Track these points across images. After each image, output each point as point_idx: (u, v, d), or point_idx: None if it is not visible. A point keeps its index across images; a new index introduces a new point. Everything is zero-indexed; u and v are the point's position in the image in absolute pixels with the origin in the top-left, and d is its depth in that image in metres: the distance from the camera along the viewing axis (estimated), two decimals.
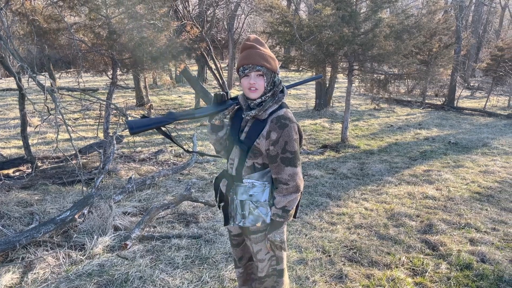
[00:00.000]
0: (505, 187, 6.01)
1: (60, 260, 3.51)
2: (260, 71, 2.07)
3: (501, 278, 3.45)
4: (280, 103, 2.13)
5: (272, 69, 2.10)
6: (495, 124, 11.89)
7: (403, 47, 8.13)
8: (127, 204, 4.85)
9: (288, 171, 2.06)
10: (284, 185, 2.08)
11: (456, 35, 15.42)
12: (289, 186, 2.07)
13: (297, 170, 2.08)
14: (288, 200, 2.09)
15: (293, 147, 2.05)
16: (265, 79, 2.09)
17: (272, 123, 2.06)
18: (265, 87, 2.10)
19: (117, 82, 6.68)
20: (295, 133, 2.07)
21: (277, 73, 2.14)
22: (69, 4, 6.32)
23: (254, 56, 2.08)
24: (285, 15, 8.82)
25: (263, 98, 2.11)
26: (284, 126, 2.04)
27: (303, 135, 2.20)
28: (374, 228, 4.49)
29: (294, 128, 2.07)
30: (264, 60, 2.07)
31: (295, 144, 2.06)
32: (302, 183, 2.12)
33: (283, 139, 2.04)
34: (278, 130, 2.04)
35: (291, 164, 2.06)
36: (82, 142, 7.90)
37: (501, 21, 30.07)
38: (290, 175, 2.06)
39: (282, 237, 2.17)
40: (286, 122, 2.05)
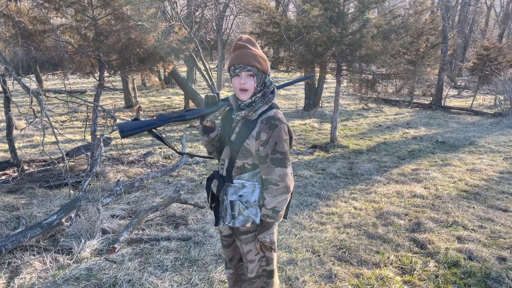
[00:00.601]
0: (491, 185, 6.09)
1: (47, 264, 3.47)
2: (250, 71, 2.07)
3: (488, 275, 3.49)
4: (270, 104, 2.13)
5: (263, 69, 2.10)
6: (481, 122, 12.04)
7: (391, 47, 8.19)
8: (115, 207, 4.81)
9: (278, 171, 2.05)
10: (274, 186, 2.07)
11: (443, 35, 15.59)
12: (279, 187, 2.07)
13: (287, 171, 2.08)
14: (278, 201, 2.09)
15: (283, 147, 2.05)
16: (256, 80, 2.09)
17: (262, 124, 2.06)
18: (255, 87, 2.10)
19: (104, 84, 6.62)
20: (285, 134, 2.07)
21: (268, 74, 2.14)
22: (55, 6, 6.25)
23: (245, 56, 2.08)
24: (273, 16, 8.83)
25: (253, 98, 2.11)
26: (274, 126, 2.04)
27: (293, 135, 2.20)
28: (363, 227, 4.51)
29: (284, 129, 2.07)
30: (255, 60, 2.07)
31: (285, 144, 2.06)
32: (292, 184, 2.12)
33: (273, 140, 2.03)
34: (268, 131, 2.04)
35: (281, 165, 2.06)
36: (70, 145, 7.82)
37: (487, 21, 30.48)
38: (280, 176, 2.06)
39: (272, 238, 2.16)
40: (276, 122, 2.05)
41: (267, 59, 2.15)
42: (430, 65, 13.96)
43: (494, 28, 32.49)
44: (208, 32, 25.15)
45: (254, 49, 2.10)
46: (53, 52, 6.57)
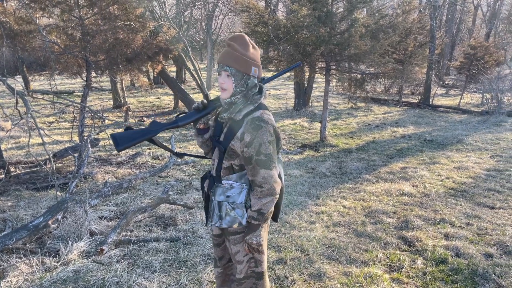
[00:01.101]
0: (478, 182, 6.16)
1: (34, 267, 3.43)
2: (227, 71, 2.08)
3: (475, 272, 3.53)
4: (257, 104, 2.11)
5: (243, 71, 2.08)
6: (469, 121, 12.18)
7: (379, 46, 8.24)
8: (103, 208, 4.77)
9: (262, 173, 2.04)
10: (258, 188, 2.07)
11: (431, 34, 15.72)
12: (264, 189, 2.06)
13: (272, 173, 2.06)
14: (263, 203, 2.08)
15: (267, 149, 2.03)
16: (233, 80, 2.09)
17: (246, 125, 2.05)
18: (234, 88, 2.10)
19: (91, 85, 6.56)
20: (270, 135, 2.05)
21: (252, 75, 2.11)
22: (41, 6, 6.17)
23: (225, 56, 2.10)
24: (262, 16, 8.83)
25: (232, 99, 2.11)
26: (258, 128, 2.02)
27: (280, 137, 2.17)
28: (352, 225, 4.53)
29: (269, 130, 2.05)
30: (234, 61, 2.07)
31: (270, 146, 2.04)
32: (278, 186, 2.10)
33: (257, 141, 2.02)
34: (252, 132, 2.02)
35: (265, 167, 2.04)
36: (57, 146, 7.74)
37: (474, 20, 30.82)
38: (264, 178, 2.05)
39: (258, 240, 2.15)
40: (261, 124, 2.03)
41: (256, 60, 2.12)
42: (418, 64, 14.06)
43: (481, 28, 32.87)
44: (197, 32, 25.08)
45: (239, 48, 2.08)
46: (39, 52, 6.49)
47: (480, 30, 32.10)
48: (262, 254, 2.22)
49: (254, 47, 2.15)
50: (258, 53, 2.16)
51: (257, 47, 2.17)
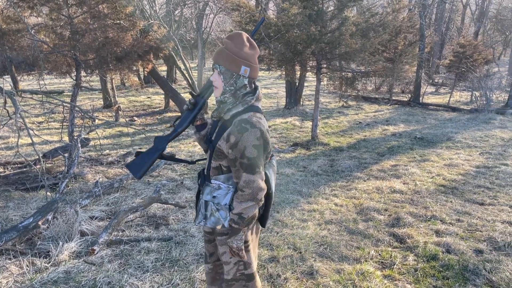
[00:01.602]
0: (468, 179, 6.22)
1: (24, 268, 3.39)
2: (217, 69, 2.08)
3: (466, 268, 3.56)
4: (248, 106, 2.09)
5: (232, 69, 2.06)
6: (458, 118, 12.29)
7: (369, 45, 8.28)
8: (94, 208, 4.73)
9: (244, 177, 2.02)
10: (240, 192, 2.05)
11: (420, 33, 15.83)
12: (245, 193, 2.03)
13: (254, 178, 2.01)
14: (243, 207, 2.04)
15: (251, 153, 1.99)
16: (223, 79, 2.08)
17: (233, 126, 2.03)
18: (223, 86, 2.09)
19: (81, 84, 6.50)
20: (256, 139, 2.01)
21: (242, 75, 2.08)
22: (29, 4, 6.11)
23: (217, 53, 2.10)
24: (253, 14, 8.82)
25: (222, 97, 2.10)
26: (244, 130, 1.99)
27: (269, 141, 2.13)
28: (344, 223, 4.55)
29: (255, 134, 2.00)
30: (224, 59, 2.06)
31: (254, 150, 2.00)
32: (261, 192, 2.05)
33: (242, 144, 1.99)
34: (237, 134, 2.00)
35: (248, 171, 2.01)
36: (47, 146, 7.66)
37: (463, 19, 31.10)
38: (245, 182, 2.02)
39: (239, 244, 2.12)
40: (247, 126, 2.00)
41: (248, 60, 2.08)
42: (408, 62, 14.16)
43: (469, 26, 33.18)
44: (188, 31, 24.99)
45: (232, 47, 2.06)
46: (28, 51, 6.43)
47: (469, 28, 32.40)
48: (243, 258, 2.18)
49: (252, 46, 2.11)
50: (254, 53, 2.11)
51: (255, 47, 2.12)
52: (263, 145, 2.05)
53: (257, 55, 2.13)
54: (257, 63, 2.13)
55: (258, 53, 2.14)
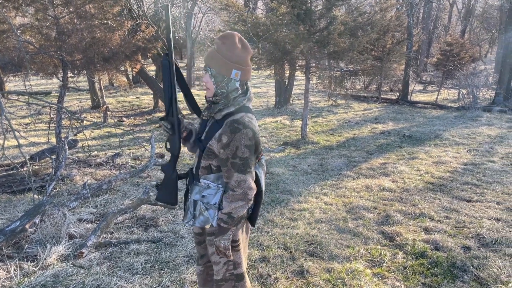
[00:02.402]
0: (456, 176, 6.28)
1: (11, 272, 3.35)
2: (208, 71, 2.08)
3: (454, 265, 3.60)
4: (239, 107, 2.09)
5: (223, 73, 2.06)
6: (446, 116, 12.41)
7: (357, 43, 8.32)
8: (82, 210, 4.68)
9: (236, 177, 2.02)
10: (231, 191, 2.05)
11: (408, 32, 15.96)
12: (236, 193, 2.04)
13: (246, 178, 2.03)
14: (233, 207, 2.05)
15: (243, 153, 2.01)
16: (213, 81, 2.08)
17: (225, 126, 2.03)
18: (215, 88, 2.09)
19: (68, 85, 6.43)
20: (248, 140, 2.02)
21: (233, 78, 2.07)
22: (14, 5, 6.02)
23: (208, 55, 2.10)
24: (241, 14, 8.81)
25: (214, 99, 2.10)
26: (237, 130, 2.00)
27: (260, 141, 2.14)
28: (334, 222, 4.56)
29: (247, 134, 2.01)
30: (215, 63, 2.05)
31: (247, 150, 2.02)
32: (251, 192, 2.06)
33: (234, 144, 2.00)
34: (230, 134, 2.00)
35: (240, 171, 2.02)
36: (34, 148, 7.57)
37: (450, 17, 31.43)
38: (237, 182, 2.02)
39: (226, 244, 2.12)
40: (240, 126, 2.00)
41: (239, 63, 2.06)
42: (396, 61, 14.25)
43: (456, 25, 33.54)
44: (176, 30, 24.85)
45: (223, 49, 2.04)
46: (13, 52, 6.33)
47: (455, 27, 32.75)
48: (229, 257, 2.19)
49: (244, 48, 2.08)
50: (246, 55, 2.08)
51: (247, 48, 2.10)
52: (254, 146, 2.06)
53: (250, 56, 2.12)
54: (249, 64, 2.12)
55: (251, 53, 2.13)
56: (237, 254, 2.28)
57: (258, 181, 2.18)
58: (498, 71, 17.02)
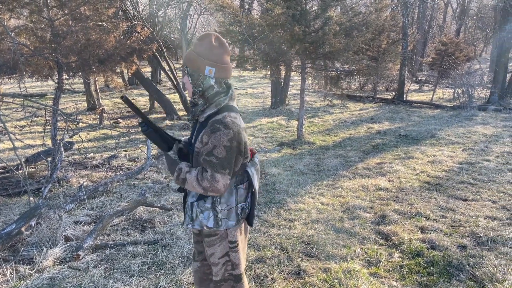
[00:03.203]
0: (452, 175, 6.31)
1: (7, 276, 3.34)
2: (185, 70, 2.13)
3: (450, 264, 3.62)
4: (221, 107, 2.10)
5: (198, 70, 2.08)
6: (441, 115, 12.46)
7: (353, 44, 8.34)
8: (78, 213, 4.67)
9: (210, 172, 2.01)
10: (202, 177, 2.03)
11: (403, 32, 16.00)
12: (203, 183, 2.02)
13: (218, 178, 2.00)
14: (190, 182, 2.04)
15: (220, 153, 2.00)
16: (190, 80, 2.11)
17: (207, 127, 2.04)
18: (192, 88, 2.12)
19: (63, 87, 6.41)
20: (227, 140, 2.00)
21: (207, 75, 2.08)
22: (8, 7, 5.98)
23: (185, 56, 2.16)
24: (237, 15, 8.81)
25: (193, 99, 2.14)
26: (216, 130, 2.00)
27: (243, 141, 2.11)
28: (330, 222, 4.57)
29: (227, 134, 2.00)
30: (189, 60, 2.09)
31: (224, 150, 2.00)
32: (215, 192, 2.04)
33: (212, 143, 2.00)
34: (210, 134, 2.01)
35: (215, 169, 2.01)
36: (30, 151, 7.54)
37: (445, 17, 31.55)
38: (210, 176, 2.01)
39: (162, 166, 2.20)
40: (220, 126, 2.00)
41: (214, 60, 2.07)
42: (392, 60, 14.30)
43: (451, 24, 33.67)
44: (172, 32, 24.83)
45: (199, 47, 2.08)
46: (8, 55, 6.29)
47: (450, 26, 32.88)
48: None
49: (220, 46, 2.10)
50: (222, 52, 2.10)
51: (224, 47, 2.11)
52: (236, 147, 2.05)
53: (227, 55, 2.12)
54: (226, 62, 2.12)
55: (228, 52, 2.13)
56: (235, 255, 2.28)
57: (251, 180, 2.19)
58: (493, 70, 17.12)
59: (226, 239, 2.25)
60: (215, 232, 2.21)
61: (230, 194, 2.18)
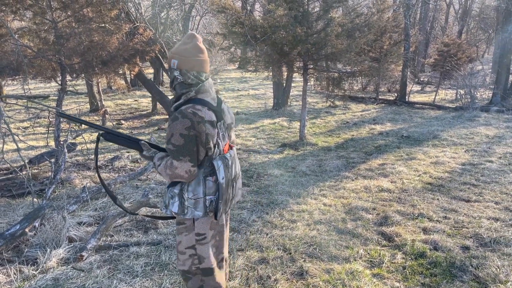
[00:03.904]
0: (454, 176, 6.30)
1: (11, 276, 3.35)
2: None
3: (453, 265, 3.62)
4: (187, 99, 2.23)
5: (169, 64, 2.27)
6: (444, 116, 12.44)
7: (355, 45, 8.34)
8: (82, 214, 4.69)
9: (169, 160, 2.18)
10: (164, 165, 2.20)
11: (405, 33, 16.00)
12: (166, 171, 2.20)
13: (177, 165, 2.15)
14: (161, 171, 2.23)
15: (177, 140, 2.13)
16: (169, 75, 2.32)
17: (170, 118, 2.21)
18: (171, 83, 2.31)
19: (67, 88, 6.44)
20: (184, 129, 2.11)
21: (172, 67, 2.25)
22: (12, 9, 6.02)
23: None
24: (239, 16, 8.83)
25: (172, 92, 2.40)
26: (175, 119, 2.14)
27: (204, 132, 2.17)
28: (333, 223, 4.58)
29: (184, 123, 2.11)
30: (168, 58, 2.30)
31: (181, 139, 2.12)
32: (177, 178, 2.19)
33: (170, 131, 2.14)
34: (170, 123, 2.16)
35: (173, 156, 2.16)
36: (33, 152, 7.56)
37: (447, 18, 31.52)
38: (170, 164, 2.17)
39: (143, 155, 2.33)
40: (178, 116, 2.13)
41: (179, 53, 2.23)
42: (394, 62, 14.29)
43: (453, 25, 33.64)
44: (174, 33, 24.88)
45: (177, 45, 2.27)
46: (11, 56, 6.33)
47: (452, 27, 32.86)
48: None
49: (189, 40, 2.26)
50: (187, 46, 2.24)
51: (193, 42, 2.26)
52: (194, 136, 2.14)
53: (193, 48, 2.24)
54: (191, 55, 2.23)
55: (196, 46, 2.25)
56: (202, 248, 2.35)
57: (215, 173, 2.25)
58: (495, 71, 17.08)
59: (193, 231, 2.32)
60: (183, 220, 2.31)
61: (197, 184, 2.25)
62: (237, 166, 2.43)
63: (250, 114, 13.07)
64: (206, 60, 2.29)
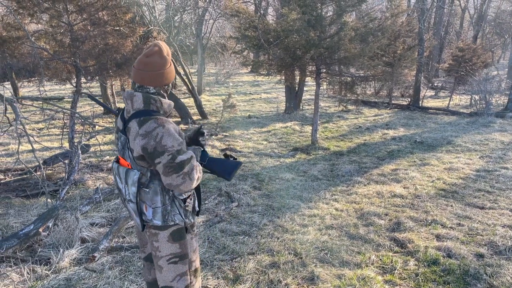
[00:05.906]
0: (468, 183, 6.22)
1: (25, 275, 3.39)
2: None
3: (466, 272, 3.56)
4: None
5: None
6: (458, 122, 12.30)
7: (368, 49, 8.30)
8: (94, 215, 4.73)
9: None
10: None
11: (419, 37, 15.88)
12: None
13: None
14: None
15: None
16: None
17: None
18: None
19: (81, 90, 6.52)
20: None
21: None
22: (29, 12, 6.13)
23: None
24: (252, 20, 8.86)
25: None
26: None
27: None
28: (345, 228, 4.54)
29: None
30: None
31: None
32: None
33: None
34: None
35: None
36: (47, 153, 7.66)
37: (462, 23, 31.21)
38: None
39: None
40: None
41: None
42: (407, 66, 14.18)
43: (468, 30, 33.28)
44: (187, 37, 25.07)
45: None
46: (28, 59, 6.44)
47: (467, 32, 32.51)
48: None
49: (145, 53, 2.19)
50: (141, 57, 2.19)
51: (147, 52, 2.17)
52: None
53: (142, 59, 2.16)
54: (138, 68, 2.17)
55: (146, 55, 2.16)
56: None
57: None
58: (510, 76, 16.84)
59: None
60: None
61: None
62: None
63: (262, 117, 13.07)
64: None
